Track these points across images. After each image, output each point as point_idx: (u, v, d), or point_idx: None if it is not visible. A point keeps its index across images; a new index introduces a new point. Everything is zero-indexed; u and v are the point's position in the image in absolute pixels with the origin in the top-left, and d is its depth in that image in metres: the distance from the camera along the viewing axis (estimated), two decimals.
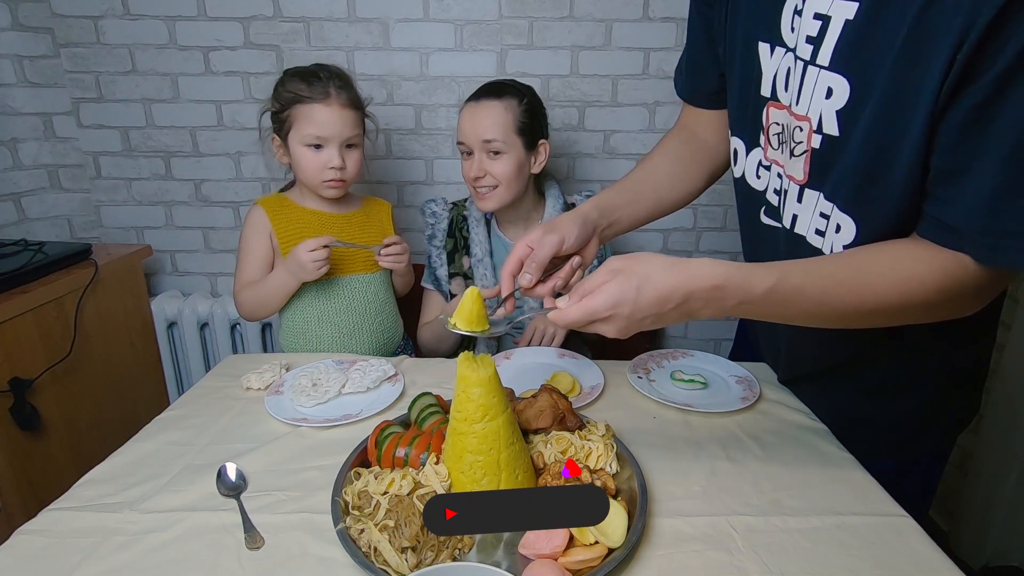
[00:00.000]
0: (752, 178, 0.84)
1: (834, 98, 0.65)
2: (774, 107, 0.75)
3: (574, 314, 0.62)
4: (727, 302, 0.62)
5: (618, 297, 0.60)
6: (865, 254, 0.65)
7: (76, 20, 1.56)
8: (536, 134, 1.28)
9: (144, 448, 0.81)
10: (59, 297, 1.35)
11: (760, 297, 0.61)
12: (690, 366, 1.04)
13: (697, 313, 0.62)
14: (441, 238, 1.35)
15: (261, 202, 1.24)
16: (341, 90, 1.17)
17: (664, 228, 1.79)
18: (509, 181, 1.25)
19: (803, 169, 0.71)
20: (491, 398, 0.65)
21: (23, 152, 1.62)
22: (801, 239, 0.75)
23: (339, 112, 1.16)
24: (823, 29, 0.64)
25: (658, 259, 0.62)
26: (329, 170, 1.18)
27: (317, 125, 1.15)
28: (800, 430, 0.86)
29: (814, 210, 0.72)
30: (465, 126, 1.25)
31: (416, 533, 0.60)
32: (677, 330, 1.88)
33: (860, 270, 0.63)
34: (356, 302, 1.25)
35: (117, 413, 1.53)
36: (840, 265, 0.65)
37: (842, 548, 0.63)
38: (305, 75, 1.17)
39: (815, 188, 0.71)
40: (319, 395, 0.92)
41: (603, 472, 0.70)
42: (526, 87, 1.30)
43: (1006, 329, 1.52)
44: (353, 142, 1.21)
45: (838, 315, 0.64)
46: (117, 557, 0.62)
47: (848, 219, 0.68)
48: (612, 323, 0.62)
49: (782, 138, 0.75)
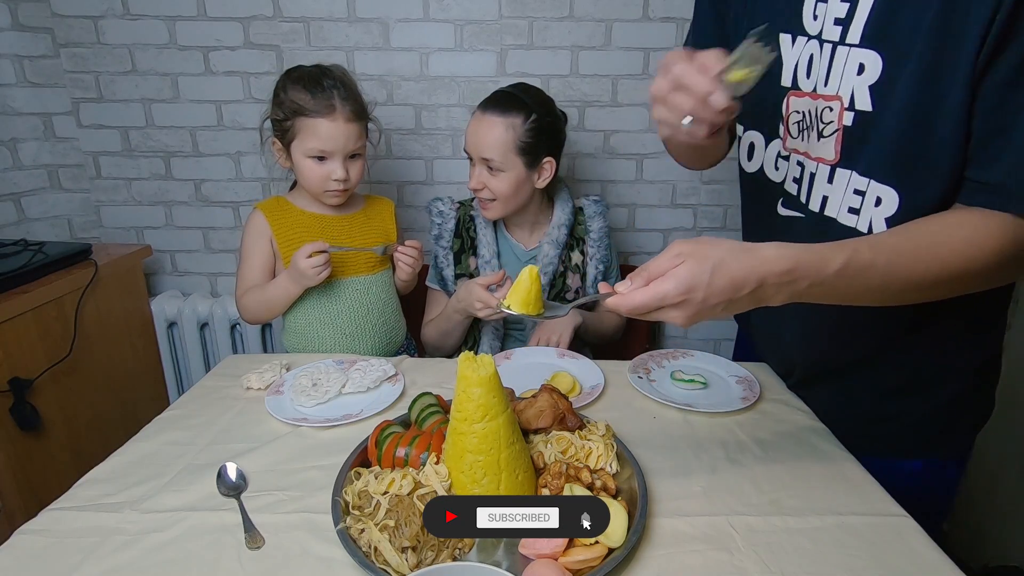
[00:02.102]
0: (771, 170, 0.85)
1: (866, 74, 0.66)
2: (795, 96, 0.76)
3: (641, 298, 0.58)
4: (799, 285, 0.60)
5: (691, 282, 0.57)
6: (923, 225, 0.65)
7: (76, 20, 1.56)
8: (540, 153, 1.23)
9: (144, 448, 0.81)
10: (59, 297, 1.34)
11: (832, 277, 0.60)
12: (690, 366, 1.04)
13: (770, 299, 0.60)
14: (448, 238, 1.34)
15: (260, 206, 1.23)
16: (346, 101, 1.14)
17: (664, 228, 1.79)
18: (506, 198, 1.24)
19: (834, 149, 0.73)
20: (491, 398, 0.65)
21: (23, 152, 1.62)
22: (831, 221, 0.76)
23: (343, 127, 1.14)
24: (851, 9, 0.67)
25: (727, 243, 0.60)
26: (332, 181, 1.17)
27: (321, 140, 1.13)
28: (800, 430, 0.86)
29: (846, 188, 0.73)
30: (469, 137, 1.24)
31: (416, 533, 0.60)
32: (677, 330, 1.88)
33: (923, 240, 0.63)
34: (358, 304, 1.25)
35: (117, 413, 1.53)
36: (902, 238, 0.64)
37: (842, 548, 0.63)
38: (308, 83, 1.14)
39: (847, 167, 0.72)
40: (319, 395, 0.92)
41: (603, 472, 0.70)
42: (541, 101, 1.25)
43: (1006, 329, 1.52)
44: (357, 152, 1.19)
45: (905, 287, 0.64)
46: (117, 557, 0.62)
47: (890, 190, 0.69)
48: (683, 309, 0.58)
49: (803, 125, 0.76)
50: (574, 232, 1.34)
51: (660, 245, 1.82)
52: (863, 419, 0.86)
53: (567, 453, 0.73)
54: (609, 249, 1.37)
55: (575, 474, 0.67)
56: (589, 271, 1.34)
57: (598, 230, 1.34)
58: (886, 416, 0.86)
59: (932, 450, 0.87)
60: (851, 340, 0.83)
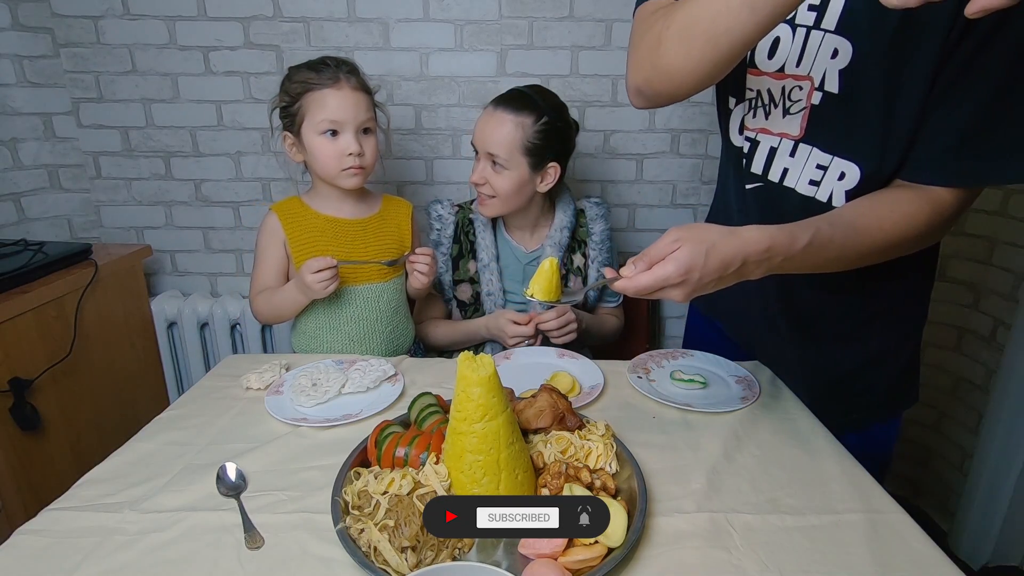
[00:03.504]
0: (735, 135, 0.91)
1: (839, 58, 0.73)
2: (752, 74, 0.83)
3: (646, 280, 0.66)
4: (774, 260, 0.68)
5: (689, 263, 0.64)
6: (869, 202, 0.74)
7: (76, 20, 1.56)
8: (546, 156, 1.23)
9: (144, 448, 0.81)
10: (59, 297, 1.35)
11: (800, 252, 0.68)
12: (690, 366, 1.04)
13: (751, 274, 0.69)
14: (448, 244, 1.33)
15: (275, 208, 1.21)
16: (351, 75, 1.15)
17: (664, 228, 1.78)
18: (506, 196, 1.23)
19: (800, 125, 0.80)
20: (491, 398, 0.65)
21: (23, 152, 1.62)
22: (790, 191, 0.84)
23: (352, 95, 1.13)
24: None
25: (715, 228, 0.67)
26: (348, 156, 1.14)
27: (331, 110, 1.12)
28: (799, 429, 0.86)
29: (806, 162, 0.81)
30: (478, 130, 1.24)
31: (416, 533, 0.60)
32: (677, 330, 1.88)
33: (869, 216, 0.73)
34: (368, 311, 1.24)
35: (117, 413, 1.53)
36: (855, 214, 0.73)
37: (840, 546, 0.64)
38: (312, 64, 1.15)
39: (810, 143, 0.80)
40: (319, 395, 0.92)
41: (603, 472, 0.70)
42: (554, 105, 1.24)
43: (1006, 329, 1.52)
44: (368, 126, 1.18)
45: (857, 256, 0.73)
46: (117, 557, 0.62)
47: (852, 165, 0.77)
48: (682, 288, 0.66)
49: (758, 102, 0.83)
50: (576, 234, 1.34)
51: None
52: None
53: (567, 453, 0.73)
54: (611, 251, 1.37)
55: (575, 474, 0.67)
56: (591, 273, 1.34)
57: (600, 232, 1.34)
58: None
59: None
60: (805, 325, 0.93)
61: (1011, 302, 1.52)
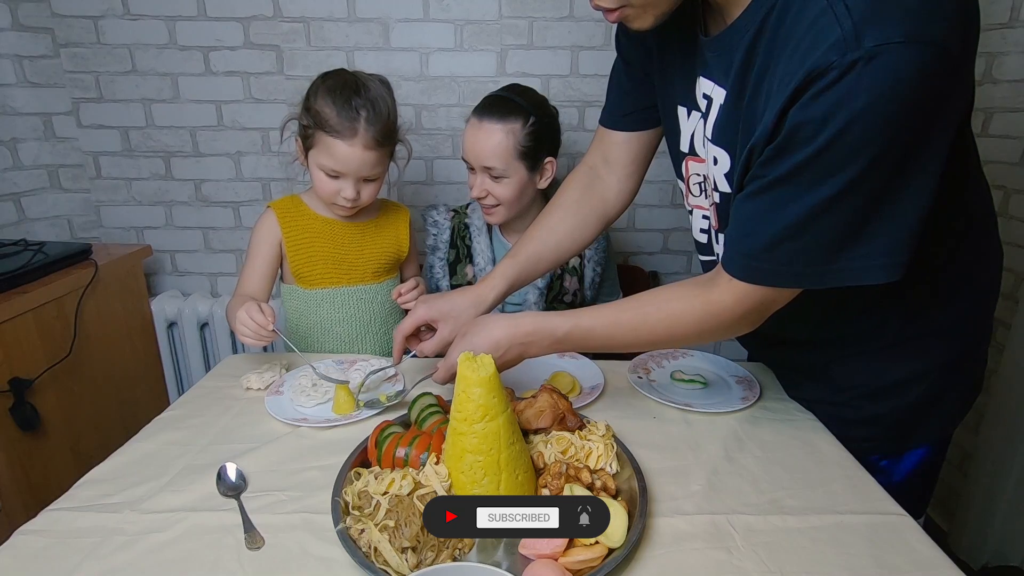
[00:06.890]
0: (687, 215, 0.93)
1: (720, 165, 0.75)
2: (693, 160, 0.84)
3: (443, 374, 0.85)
4: (543, 343, 0.80)
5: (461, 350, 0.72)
6: (643, 298, 0.80)
7: (76, 20, 1.56)
8: (540, 155, 1.23)
9: (144, 448, 0.81)
10: (59, 297, 1.34)
11: (562, 338, 0.79)
12: (690, 366, 1.04)
13: (526, 352, 0.81)
14: (444, 250, 1.33)
15: (274, 206, 1.20)
16: (371, 126, 1.08)
17: (664, 228, 1.79)
18: (511, 202, 1.24)
19: (715, 217, 0.83)
20: (491, 398, 0.65)
21: (23, 152, 1.62)
22: None
23: (361, 153, 1.09)
24: (708, 107, 0.75)
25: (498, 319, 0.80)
26: (341, 198, 1.13)
27: (335, 161, 1.09)
28: (800, 430, 0.86)
29: None
30: (467, 145, 1.23)
31: (416, 533, 0.60)
32: None
33: (636, 312, 0.78)
34: (362, 312, 1.23)
35: (117, 413, 1.53)
36: (621, 309, 0.80)
37: (841, 547, 0.64)
38: (338, 98, 1.08)
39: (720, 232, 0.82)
40: (319, 395, 0.92)
41: (603, 472, 0.70)
42: (536, 102, 1.24)
43: (1006, 329, 1.52)
44: (372, 177, 1.15)
45: (623, 345, 0.80)
46: (117, 557, 0.62)
47: None
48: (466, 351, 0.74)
49: (704, 186, 0.84)
50: None
51: (660, 245, 1.82)
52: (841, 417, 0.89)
53: (567, 453, 0.73)
54: (606, 251, 1.36)
55: (575, 474, 0.67)
56: (587, 273, 1.33)
57: None
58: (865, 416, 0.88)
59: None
60: None
61: (1011, 302, 1.52)
